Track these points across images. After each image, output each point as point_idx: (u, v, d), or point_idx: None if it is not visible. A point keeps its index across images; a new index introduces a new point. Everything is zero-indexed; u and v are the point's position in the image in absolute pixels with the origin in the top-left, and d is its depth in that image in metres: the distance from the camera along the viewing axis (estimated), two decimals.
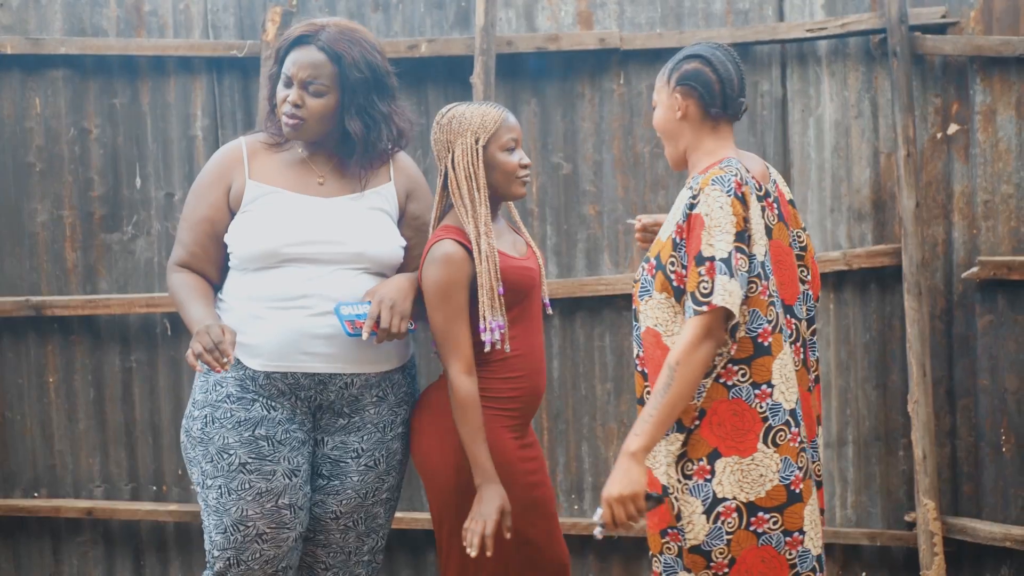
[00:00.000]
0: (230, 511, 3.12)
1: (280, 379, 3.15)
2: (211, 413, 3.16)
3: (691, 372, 2.80)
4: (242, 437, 3.12)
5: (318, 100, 3.18)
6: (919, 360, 4.43)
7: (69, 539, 4.96)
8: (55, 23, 4.82)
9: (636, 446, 2.81)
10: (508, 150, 3.25)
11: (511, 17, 4.71)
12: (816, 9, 4.60)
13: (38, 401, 4.90)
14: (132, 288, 4.84)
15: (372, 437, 3.26)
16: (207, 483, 3.15)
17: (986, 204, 4.47)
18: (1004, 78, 4.42)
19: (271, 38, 4.61)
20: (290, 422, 3.17)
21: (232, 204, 3.24)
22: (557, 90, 4.70)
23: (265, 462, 3.12)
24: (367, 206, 3.27)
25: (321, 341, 3.14)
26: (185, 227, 3.27)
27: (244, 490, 3.11)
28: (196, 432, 3.18)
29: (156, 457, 4.89)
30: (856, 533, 4.63)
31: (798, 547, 2.93)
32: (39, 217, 4.85)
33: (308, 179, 3.25)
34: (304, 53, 3.19)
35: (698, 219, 2.86)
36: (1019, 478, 4.47)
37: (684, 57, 3.02)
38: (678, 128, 3.03)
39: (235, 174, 3.24)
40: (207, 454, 3.15)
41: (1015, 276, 4.37)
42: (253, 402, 3.14)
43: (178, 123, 4.83)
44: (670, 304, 2.93)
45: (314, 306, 3.13)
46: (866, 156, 4.60)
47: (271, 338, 3.13)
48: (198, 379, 3.23)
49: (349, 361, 3.18)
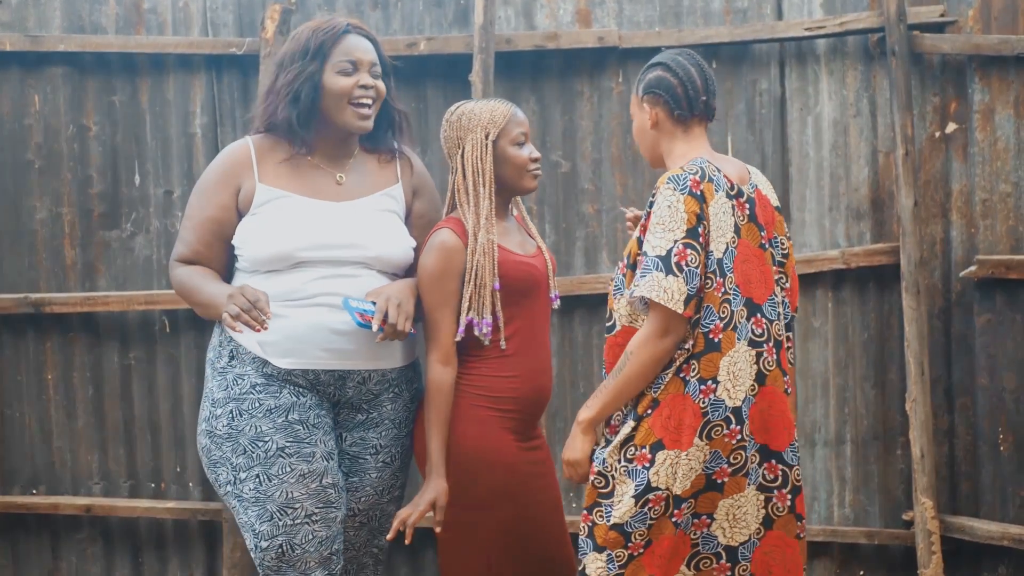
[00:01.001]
0: (273, 496, 3.05)
1: (300, 375, 3.14)
2: (236, 407, 3.12)
3: (641, 362, 2.95)
4: (276, 423, 3.09)
5: (380, 81, 3.25)
6: (917, 359, 4.43)
7: (68, 536, 4.96)
8: (54, 20, 4.83)
9: (583, 416, 3.07)
10: (518, 144, 3.30)
11: (510, 15, 4.71)
12: (815, 8, 4.60)
13: (37, 398, 4.90)
14: (131, 285, 4.85)
15: (389, 433, 3.28)
16: (240, 476, 3.08)
17: (984, 203, 4.47)
18: (1002, 77, 4.42)
19: (270, 36, 4.61)
20: (319, 407, 3.16)
21: (241, 206, 3.22)
22: (556, 88, 4.70)
23: (303, 445, 3.09)
24: (379, 208, 3.28)
25: (340, 337, 3.14)
26: (189, 226, 3.25)
27: (285, 473, 3.06)
28: (222, 429, 3.12)
29: (155, 454, 4.89)
30: (854, 532, 4.63)
31: (701, 529, 3.03)
32: (38, 214, 4.85)
33: (319, 181, 3.25)
34: (357, 40, 3.23)
35: (650, 216, 2.99)
36: (1017, 477, 4.47)
37: (647, 68, 3.13)
38: (653, 137, 3.13)
39: (244, 177, 3.22)
40: (237, 447, 3.09)
41: (1013, 275, 4.37)
42: (281, 389, 3.12)
43: (177, 121, 4.83)
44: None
45: (331, 303, 3.13)
46: (864, 155, 4.60)
47: (289, 335, 3.12)
48: (213, 380, 3.20)
49: (366, 357, 3.18)
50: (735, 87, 4.66)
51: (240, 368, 3.14)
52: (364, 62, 3.20)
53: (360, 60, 3.19)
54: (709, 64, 4.59)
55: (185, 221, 3.27)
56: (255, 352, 3.12)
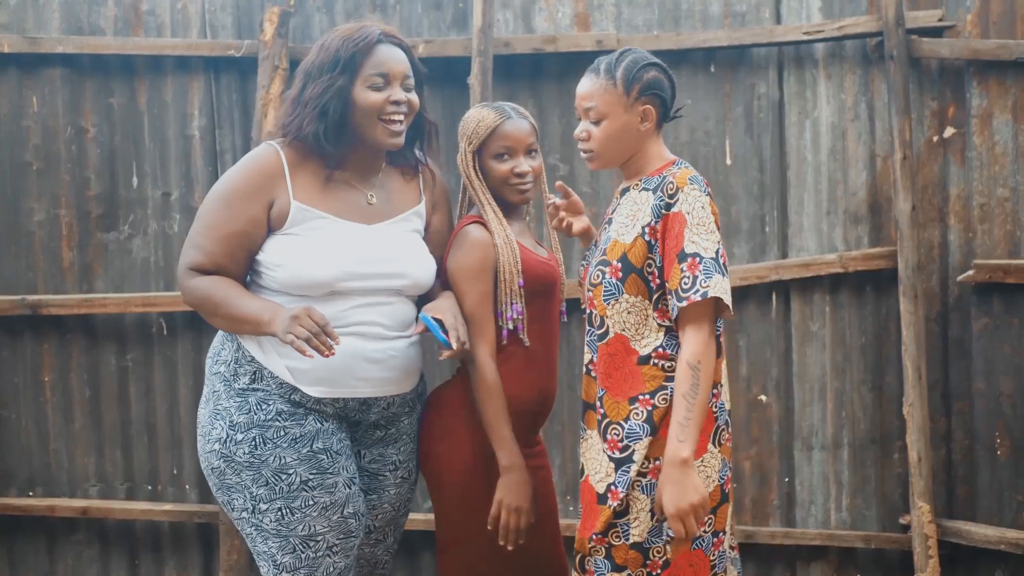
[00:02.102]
0: (296, 530, 2.98)
1: (330, 403, 3.05)
2: (260, 434, 2.99)
3: (709, 371, 2.82)
4: (300, 454, 2.98)
5: (413, 95, 3.10)
6: (915, 363, 4.43)
7: (64, 538, 4.95)
8: (53, 22, 4.82)
9: (687, 452, 2.77)
10: (498, 157, 3.23)
11: (508, 18, 4.71)
12: (813, 12, 4.61)
13: (34, 400, 4.89)
14: (128, 287, 4.84)
15: (407, 448, 3.23)
16: (260, 508, 2.99)
17: (982, 207, 4.48)
18: (1000, 81, 4.43)
19: (269, 38, 4.61)
20: (340, 431, 3.08)
21: (273, 222, 3.03)
22: (554, 91, 4.70)
23: (327, 476, 2.99)
24: (407, 231, 3.17)
25: (374, 366, 3.05)
26: (212, 236, 3.02)
27: (308, 507, 2.98)
28: (242, 457, 2.99)
29: (152, 457, 4.88)
30: (851, 536, 4.63)
31: (719, 548, 2.96)
32: (36, 216, 4.85)
33: (350, 199, 3.10)
34: (390, 51, 3.07)
35: (678, 217, 2.87)
36: (1014, 481, 4.47)
37: (641, 66, 2.98)
38: (636, 137, 3.00)
39: (277, 190, 3.03)
40: (259, 478, 2.98)
41: (1011, 279, 4.37)
42: (306, 416, 3.01)
43: (175, 123, 4.83)
44: (643, 307, 2.93)
45: (367, 332, 3.04)
46: (862, 159, 4.60)
47: (324, 363, 2.98)
48: (230, 400, 3.03)
49: (395, 383, 3.12)
50: (733, 91, 4.67)
51: (264, 392, 3.01)
52: (396, 74, 3.05)
53: (392, 73, 3.04)
54: (707, 68, 4.66)
55: (203, 228, 3.04)
56: (283, 378, 3.01)
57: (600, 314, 2.98)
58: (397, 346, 3.10)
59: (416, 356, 3.19)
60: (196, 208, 4.80)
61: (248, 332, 2.99)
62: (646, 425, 2.90)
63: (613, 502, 2.91)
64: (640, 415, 2.90)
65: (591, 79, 3.01)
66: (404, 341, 3.12)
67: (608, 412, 2.94)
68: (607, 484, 2.93)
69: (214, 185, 3.13)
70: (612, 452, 2.93)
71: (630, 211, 2.98)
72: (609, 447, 2.94)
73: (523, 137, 3.25)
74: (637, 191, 3.00)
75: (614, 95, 2.97)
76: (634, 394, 2.91)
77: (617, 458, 2.92)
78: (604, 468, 2.95)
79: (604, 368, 2.97)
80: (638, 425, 2.90)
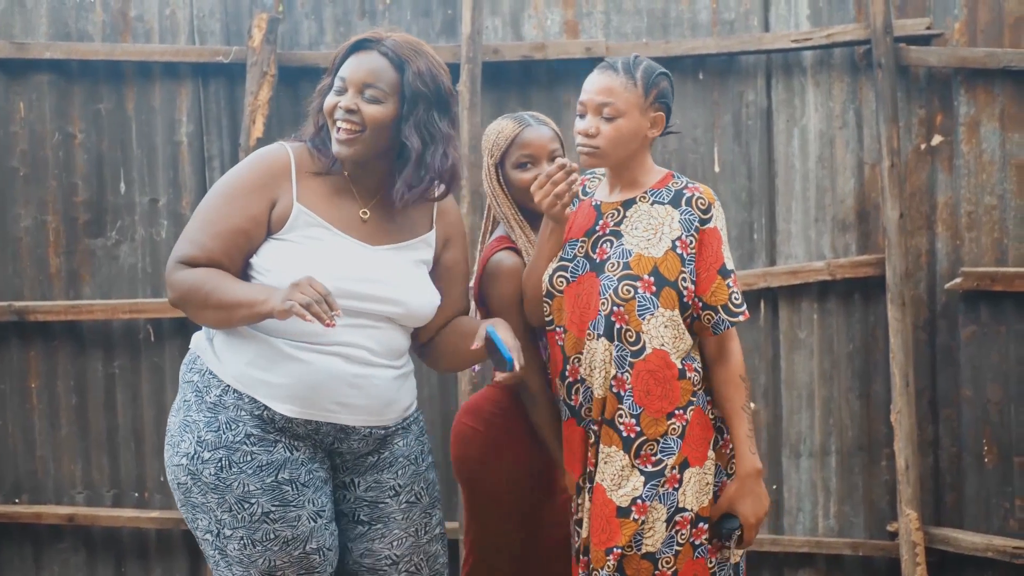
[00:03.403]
0: (257, 563, 2.87)
1: (301, 424, 2.89)
2: (227, 456, 2.86)
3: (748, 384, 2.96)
4: (264, 483, 2.85)
5: (374, 107, 2.87)
6: (902, 370, 4.44)
7: (50, 545, 4.93)
8: (40, 27, 4.82)
9: (759, 464, 2.94)
10: (520, 166, 3.17)
11: (497, 25, 4.71)
12: (801, 20, 4.62)
13: (20, 407, 4.88)
14: (116, 294, 4.83)
15: (407, 471, 3.03)
16: (225, 533, 2.88)
17: (970, 215, 4.49)
18: (988, 90, 4.44)
19: (257, 44, 4.61)
20: (312, 461, 2.92)
21: (273, 223, 2.90)
22: (543, 98, 4.70)
23: (289, 508, 2.86)
24: (411, 260, 3.01)
25: (353, 391, 2.89)
26: (210, 231, 2.87)
27: (269, 540, 2.86)
28: (208, 477, 2.87)
29: (138, 463, 4.87)
30: (838, 543, 4.63)
31: (715, 555, 2.97)
32: (22, 222, 4.83)
33: (352, 212, 2.96)
34: (364, 57, 2.90)
35: (715, 233, 2.92)
36: (1001, 488, 4.48)
37: (658, 73, 2.96)
38: (641, 142, 2.97)
39: (282, 190, 2.91)
40: (223, 502, 2.87)
41: (998, 287, 4.38)
42: (276, 443, 2.88)
43: (163, 129, 4.82)
44: (678, 321, 2.91)
45: (350, 354, 2.88)
46: (850, 166, 4.61)
47: (298, 380, 2.86)
48: (200, 413, 2.91)
49: (373, 413, 2.95)
50: (722, 99, 4.67)
51: (234, 411, 2.88)
52: (352, 81, 2.88)
53: (349, 79, 2.89)
54: (696, 76, 4.67)
55: (199, 223, 2.90)
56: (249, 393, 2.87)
57: (636, 330, 2.90)
58: (381, 374, 2.93)
59: (402, 389, 3.01)
60: (184, 214, 4.81)
61: (241, 319, 2.82)
62: (679, 440, 2.90)
63: (639, 516, 2.89)
64: (676, 430, 2.90)
65: (609, 75, 2.94)
66: (391, 371, 2.96)
67: (645, 430, 2.90)
68: (632, 498, 2.90)
69: (218, 180, 3.01)
70: (644, 466, 2.91)
71: (648, 224, 2.94)
72: (641, 462, 2.91)
73: (544, 144, 3.18)
74: (648, 204, 2.96)
75: (635, 95, 2.92)
76: (671, 409, 2.90)
77: (648, 472, 2.90)
78: (631, 482, 2.90)
79: (642, 385, 2.90)
80: (672, 440, 2.90)
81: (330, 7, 4.78)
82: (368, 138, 2.88)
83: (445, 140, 2.93)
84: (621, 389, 2.91)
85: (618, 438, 2.92)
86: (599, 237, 2.98)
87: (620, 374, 2.91)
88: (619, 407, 2.92)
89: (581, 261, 2.98)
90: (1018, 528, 4.45)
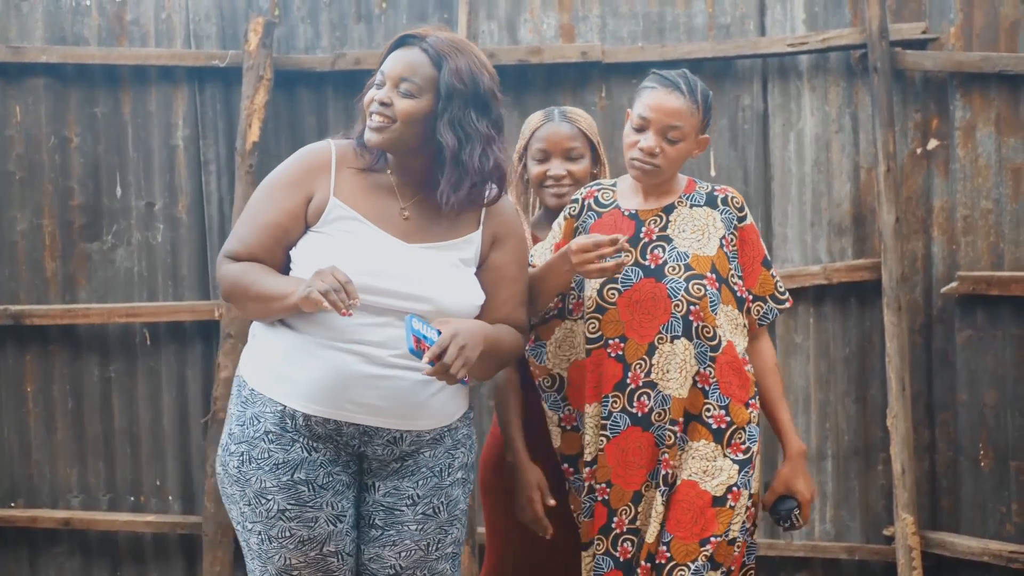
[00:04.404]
0: (273, 559, 2.86)
1: (321, 423, 2.85)
2: (248, 451, 2.85)
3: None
4: (280, 481, 2.83)
5: (408, 101, 2.86)
6: (898, 374, 4.44)
7: (46, 549, 4.93)
8: (36, 31, 4.81)
9: (804, 446, 3.15)
10: (537, 160, 3.28)
11: (493, 29, 4.72)
12: (797, 24, 4.62)
13: (16, 410, 4.88)
14: (112, 298, 4.83)
15: (428, 483, 2.94)
16: (247, 526, 2.89)
17: (965, 219, 4.49)
18: (984, 94, 4.44)
19: (253, 48, 4.61)
20: (333, 464, 2.88)
21: (309, 217, 2.91)
22: (539, 102, 4.68)
23: (306, 509, 2.84)
24: (451, 259, 2.94)
25: (373, 392, 2.83)
26: (250, 226, 2.91)
27: (285, 538, 2.84)
28: (233, 469, 2.88)
29: (134, 467, 4.87)
30: (835, 547, 4.63)
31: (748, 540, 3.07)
32: (19, 226, 4.83)
33: (392, 209, 2.93)
34: (404, 53, 2.92)
35: (753, 228, 3.08)
36: (998, 492, 4.48)
37: (711, 97, 3.03)
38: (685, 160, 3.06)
39: (319, 184, 2.92)
40: (244, 495, 2.87)
41: (994, 291, 4.38)
42: (293, 442, 2.85)
43: (159, 132, 4.82)
44: (735, 315, 3.03)
45: (371, 354, 2.83)
46: (846, 171, 4.61)
47: (317, 377, 2.83)
48: (234, 407, 2.92)
49: (396, 416, 2.87)
50: (718, 103, 4.67)
51: (260, 406, 2.88)
52: (391, 76, 2.89)
53: (387, 74, 2.90)
54: None
55: (243, 218, 2.94)
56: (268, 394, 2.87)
57: (711, 325, 2.97)
58: (405, 376, 2.85)
59: (437, 396, 2.90)
60: (180, 218, 4.83)
61: (277, 311, 2.84)
62: (758, 428, 3.02)
63: (735, 502, 2.97)
64: (755, 417, 3.01)
65: (678, 98, 2.96)
66: (417, 374, 2.84)
67: (735, 419, 2.98)
68: (728, 487, 2.97)
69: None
70: (736, 455, 2.98)
71: (694, 225, 3.03)
72: (733, 451, 2.99)
73: (559, 140, 3.25)
74: (687, 208, 3.04)
75: (696, 120, 2.98)
76: (748, 398, 3.01)
77: (740, 460, 2.98)
78: (725, 472, 2.97)
79: (725, 376, 2.99)
80: (754, 427, 3.01)
81: (326, 11, 4.78)
82: (399, 130, 2.88)
83: (484, 140, 2.89)
84: (705, 384, 2.97)
85: (707, 431, 2.98)
86: (647, 244, 3.02)
87: (703, 370, 2.97)
88: (706, 402, 2.97)
89: (632, 269, 3.00)
90: (1014, 532, 4.45)
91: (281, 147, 4.76)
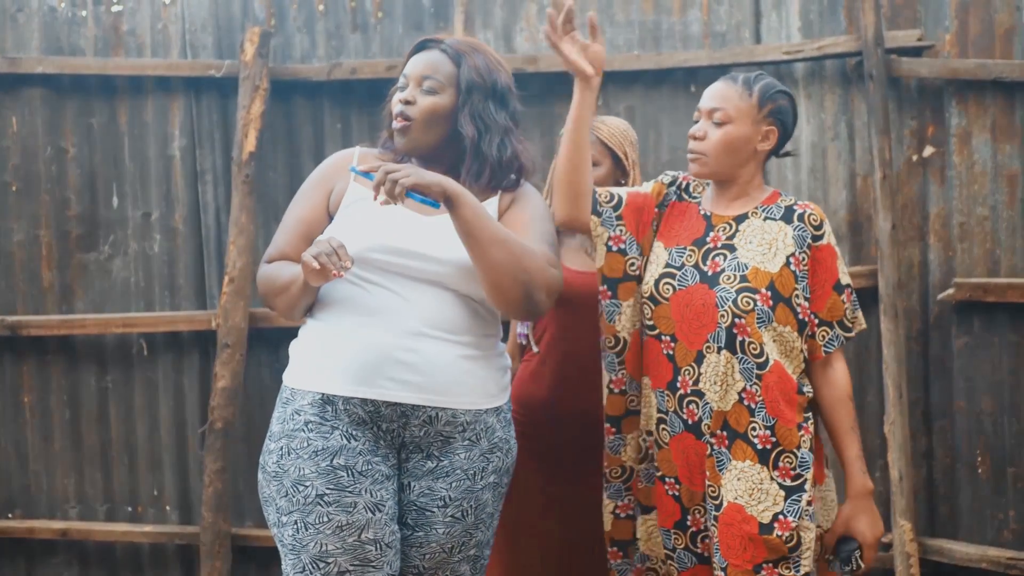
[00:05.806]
0: (307, 547, 2.83)
1: (360, 405, 2.87)
2: (287, 444, 2.88)
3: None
4: (319, 467, 2.84)
5: (431, 97, 2.98)
6: (895, 381, 4.44)
7: (43, 560, 4.92)
8: (32, 42, 4.82)
9: (871, 483, 2.97)
10: None
11: (489, 38, 4.72)
12: (793, 32, 4.63)
13: (13, 421, 4.87)
14: (109, 308, 4.83)
15: (461, 485, 2.95)
16: (282, 520, 2.87)
17: (962, 226, 4.49)
18: (979, 101, 4.45)
19: (249, 58, 4.61)
20: (372, 454, 2.89)
21: (331, 207, 3.03)
22: (535, 111, 4.69)
23: (345, 493, 2.84)
24: None
25: (405, 367, 2.86)
26: (281, 229, 3.06)
27: (322, 523, 2.83)
28: (271, 467, 2.90)
29: (132, 478, 4.86)
30: None
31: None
32: (15, 236, 4.83)
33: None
34: (424, 55, 3.04)
35: (829, 250, 2.96)
36: (995, 499, 4.48)
37: (778, 90, 2.99)
38: (748, 154, 2.98)
39: (339, 177, 3.05)
40: (282, 489, 2.87)
41: (991, 298, 4.39)
42: (333, 430, 2.87)
43: (156, 143, 4.83)
44: (791, 338, 2.92)
45: (399, 325, 2.87)
46: (842, 178, 4.62)
47: (352, 358, 2.87)
48: (276, 412, 2.96)
49: (435, 392, 2.89)
50: None
51: (299, 402, 2.92)
52: (412, 76, 3.01)
53: (409, 75, 3.02)
54: (688, 88, 4.67)
55: (281, 223, 3.09)
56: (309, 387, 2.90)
57: (758, 341, 2.90)
58: (434, 348, 2.89)
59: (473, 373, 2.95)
60: (177, 228, 4.83)
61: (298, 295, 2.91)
62: (811, 454, 2.91)
63: (783, 532, 2.86)
64: (807, 443, 2.90)
65: (726, 84, 2.98)
66: (450, 346, 2.91)
67: (781, 440, 2.88)
68: (773, 513, 2.87)
69: None
70: (783, 480, 2.89)
71: (763, 239, 2.95)
72: (780, 475, 2.89)
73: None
74: (760, 220, 2.98)
75: (747, 104, 2.96)
76: (799, 421, 2.90)
77: (788, 486, 2.88)
78: (771, 496, 2.88)
79: (772, 396, 2.90)
80: (807, 453, 2.90)
81: (322, 21, 4.78)
82: (421, 128, 2.98)
83: (503, 131, 3.02)
84: (752, 401, 2.90)
85: (752, 451, 2.89)
86: (710, 249, 2.98)
87: (749, 387, 2.90)
88: (752, 420, 2.90)
89: (690, 271, 2.97)
90: (1012, 539, 4.45)
91: (278, 157, 4.77)
